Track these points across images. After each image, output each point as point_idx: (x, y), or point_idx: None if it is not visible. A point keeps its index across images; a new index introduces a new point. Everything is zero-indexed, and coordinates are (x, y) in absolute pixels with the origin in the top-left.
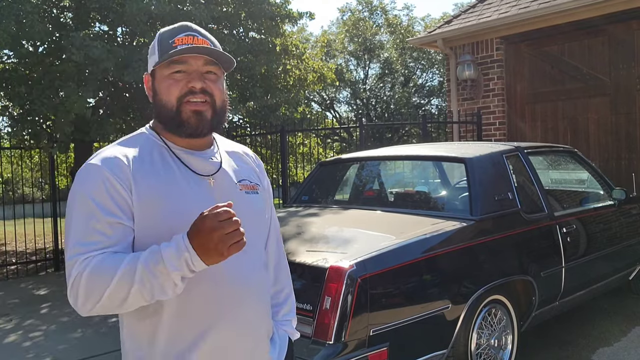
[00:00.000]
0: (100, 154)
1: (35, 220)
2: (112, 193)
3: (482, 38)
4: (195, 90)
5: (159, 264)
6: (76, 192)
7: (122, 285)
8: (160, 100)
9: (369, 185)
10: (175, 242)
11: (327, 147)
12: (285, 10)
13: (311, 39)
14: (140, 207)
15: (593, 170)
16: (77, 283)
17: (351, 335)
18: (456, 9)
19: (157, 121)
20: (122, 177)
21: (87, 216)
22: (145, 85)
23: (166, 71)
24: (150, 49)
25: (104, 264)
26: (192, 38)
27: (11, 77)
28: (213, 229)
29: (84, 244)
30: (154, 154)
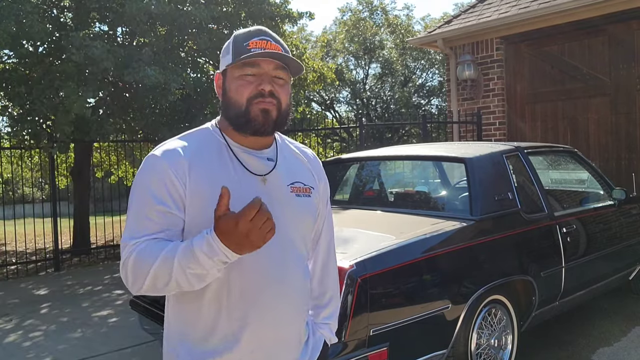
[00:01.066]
0: (164, 145)
1: (35, 220)
2: (167, 183)
3: (482, 38)
4: (264, 92)
5: (193, 261)
6: (136, 181)
7: (162, 274)
8: (230, 99)
9: (369, 185)
10: (207, 242)
11: (327, 147)
12: (285, 10)
13: (311, 38)
14: (192, 198)
15: (593, 170)
16: (126, 266)
17: (351, 335)
18: (456, 9)
19: (224, 118)
20: (178, 169)
21: (141, 204)
22: (215, 83)
23: (238, 72)
24: (224, 49)
25: (146, 251)
26: (266, 42)
27: (11, 77)
28: (247, 232)
29: (135, 230)
30: (213, 150)
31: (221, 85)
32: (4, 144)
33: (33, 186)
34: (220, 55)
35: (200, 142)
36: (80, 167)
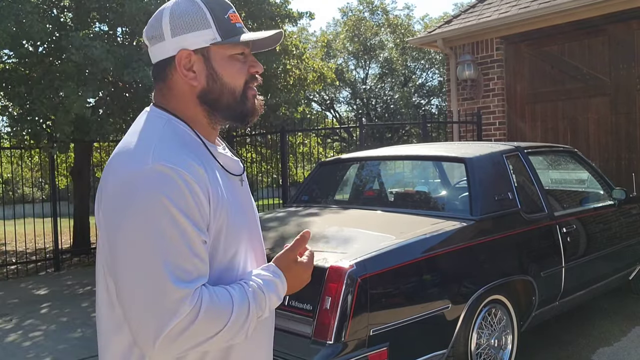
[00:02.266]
0: (164, 152)
1: (35, 220)
2: (198, 204)
3: (482, 38)
4: (256, 76)
5: (262, 306)
6: (154, 203)
7: (237, 324)
8: (225, 85)
9: (369, 185)
10: (276, 289)
11: (327, 147)
12: (285, 10)
13: (311, 38)
14: (215, 220)
15: (593, 170)
16: (189, 320)
17: (351, 335)
18: (456, 9)
19: (206, 108)
20: (204, 187)
21: (179, 234)
22: (181, 64)
23: (230, 50)
24: (191, 17)
25: (217, 299)
26: (238, 16)
27: (11, 77)
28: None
29: (185, 270)
30: (203, 154)
31: (198, 67)
32: (4, 144)
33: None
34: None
35: (190, 144)
36: (80, 167)
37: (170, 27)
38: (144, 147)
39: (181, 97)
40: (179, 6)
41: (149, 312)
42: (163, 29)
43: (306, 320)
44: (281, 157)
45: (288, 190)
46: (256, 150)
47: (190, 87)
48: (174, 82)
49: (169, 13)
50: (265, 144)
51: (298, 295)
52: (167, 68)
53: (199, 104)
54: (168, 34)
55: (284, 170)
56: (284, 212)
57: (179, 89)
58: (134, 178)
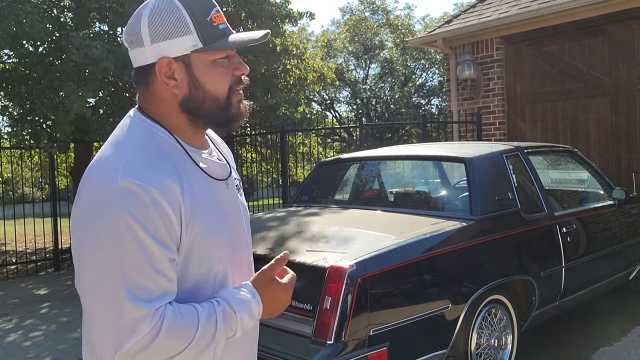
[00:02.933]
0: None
1: (35, 220)
2: (166, 222)
3: (482, 38)
4: (241, 78)
5: (232, 326)
6: (115, 217)
7: (201, 343)
8: (208, 93)
9: (369, 185)
10: (249, 308)
11: (327, 147)
12: (285, 10)
13: (312, 38)
14: (186, 236)
15: (593, 170)
16: (148, 340)
17: (351, 335)
18: (456, 9)
19: (188, 115)
20: (172, 200)
21: (141, 252)
22: (161, 73)
23: (212, 56)
24: (170, 23)
25: (180, 319)
26: (222, 16)
27: (11, 77)
28: (287, 301)
29: (146, 288)
30: (181, 163)
31: (180, 75)
32: (4, 144)
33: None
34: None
35: (167, 155)
36: (80, 167)
37: (149, 33)
38: (118, 158)
39: (163, 103)
40: (158, 9)
41: (108, 329)
42: (142, 35)
43: (306, 320)
44: (281, 157)
45: (288, 190)
46: (256, 150)
47: (172, 95)
48: (155, 88)
49: (148, 17)
50: (265, 144)
51: (298, 295)
52: (148, 74)
53: (181, 112)
54: (147, 40)
55: (284, 170)
56: (284, 212)
57: (161, 95)
58: (102, 194)
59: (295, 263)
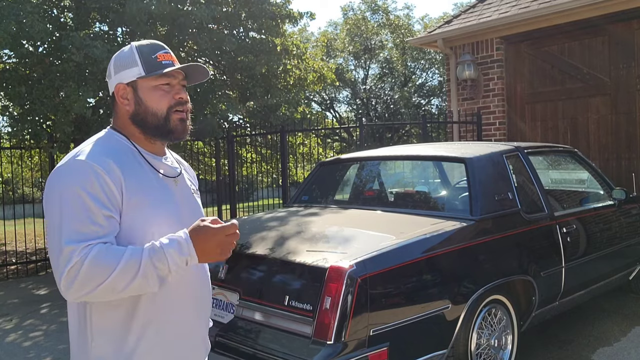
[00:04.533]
0: (84, 152)
1: (35, 220)
2: (105, 188)
3: (482, 38)
4: (182, 101)
5: (162, 261)
6: (66, 185)
7: (125, 276)
8: (148, 109)
9: (369, 185)
10: (178, 244)
11: (327, 147)
12: (285, 10)
13: (312, 38)
14: (129, 205)
15: (593, 170)
16: (76, 269)
17: (351, 335)
18: (456, 9)
19: (135, 127)
20: (112, 175)
21: (81, 208)
22: (117, 94)
23: (154, 82)
24: (125, 60)
25: (105, 253)
26: (169, 55)
27: (11, 77)
28: (221, 243)
29: (81, 232)
30: (130, 157)
31: (130, 96)
32: (4, 144)
33: (33, 186)
34: (118, 67)
35: (119, 149)
36: None
37: (113, 67)
38: (78, 149)
39: (122, 118)
40: (121, 52)
41: (56, 263)
42: (110, 70)
43: (306, 320)
44: (281, 157)
45: (288, 190)
46: (256, 150)
47: (126, 111)
48: (117, 107)
49: (114, 58)
50: (265, 144)
51: (298, 295)
52: (114, 98)
53: (132, 124)
54: (112, 73)
55: (284, 170)
56: (284, 212)
57: (121, 112)
58: (61, 169)
59: (295, 263)
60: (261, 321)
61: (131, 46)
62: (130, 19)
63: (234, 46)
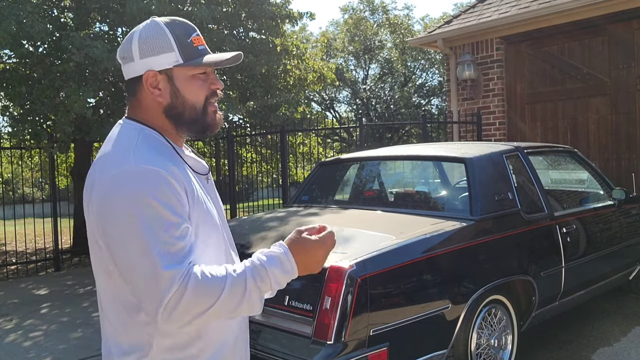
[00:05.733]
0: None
1: (35, 220)
2: (177, 196)
3: (482, 38)
4: (218, 91)
5: (265, 281)
6: (135, 197)
7: (232, 300)
8: (186, 102)
9: (369, 185)
10: (280, 262)
11: (327, 147)
12: (285, 10)
13: (312, 38)
14: (193, 212)
15: (593, 170)
16: (177, 297)
17: (351, 335)
18: (456, 9)
19: (171, 121)
20: (180, 183)
21: (162, 222)
22: (147, 83)
23: (191, 71)
24: (159, 43)
25: (208, 278)
26: (201, 39)
27: (11, 77)
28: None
29: (171, 253)
30: (174, 156)
31: (163, 86)
32: (4, 144)
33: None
34: (146, 50)
35: (164, 149)
36: (80, 167)
37: (138, 50)
38: (124, 151)
39: (148, 110)
40: (147, 31)
41: (149, 292)
42: (132, 51)
43: (306, 320)
44: (281, 157)
45: (288, 190)
46: (256, 150)
47: (157, 103)
48: (142, 97)
49: (138, 37)
50: (265, 144)
51: (298, 295)
52: (137, 85)
53: (165, 118)
54: (137, 56)
55: (284, 170)
56: (284, 212)
57: (147, 103)
58: (121, 177)
59: None
60: (261, 321)
61: (158, 24)
62: (130, 19)
63: (234, 46)
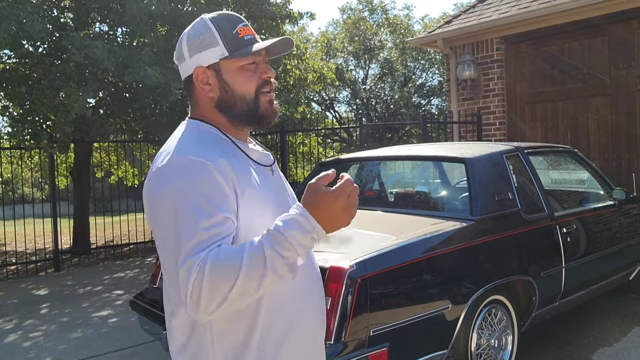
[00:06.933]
0: (189, 149)
1: (35, 220)
2: (220, 189)
3: (482, 38)
4: (269, 80)
5: (286, 247)
6: (178, 188)
7: (254, 275)
8: (236, 94)
9: (369, 185)
10: (297, 222)
11: (327, 147)
12: (285, 10)
13: (311, 38)
14: (243, 204)
15: (593, 170)
16: (199, 283)
17: (351, 336)
18: (456, 9)
19: (224, 115)
20: (225, 175)
21: (198, 213)
22: (198, 80)
23: (239, 63)
24: (202, 38)
25: (223, 256)
26: (249, 28)
27: (11, 77)
28: (346, 207)
29: (200, 242)
30: (227, 148)
31: (212, 81)
32: (4, 144)
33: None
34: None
35: (216, 142)
36: (80, 167)
37: (187, 49)
38: (171, 145)
39: (204, 107)
40: (194, 29)
41: (174, 279)
42: (183, 51)
43: None
44: (281, 157)
45: None
46: None
47: (209, 98)
48: (197, 94)
49: (186, 37)
50: (265, 143)
51: None
52: (191, 84)
53: (218, 112)
54: (187, 55)
55: (284, 170)
56: None
57: (201, 100)
58: (164, 169)
59: None
60: None
61: (204, 21)
62: (130, 19)
63: None
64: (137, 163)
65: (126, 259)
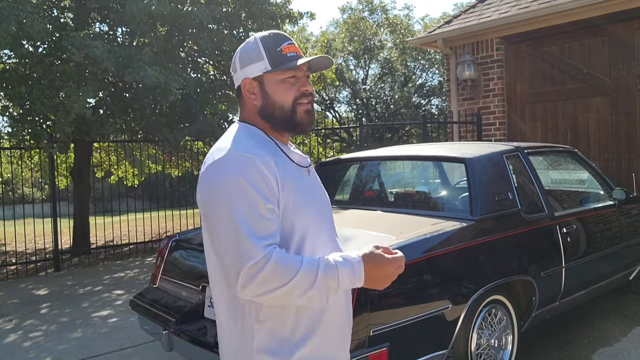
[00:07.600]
0: (237, 145)
1: (35, 220)
2: (267, 183)
3: (482, 38)
4: (307, 92)
5: (333, 278)
6: (231, 180)
7: (303, 285)
8: (276, 103)
9: (369, 185)
10: (351, 265)
11: (327, 147)
12: (286, 10)
13: (311, 38)
14: (284, 199)
15: (593, 170)
16: (258, 268)
17: (351, 335)
18: (456, 9)
19: (265, 121)
20: (271, 170)
21: (250, 203)
22: (245, 89)
23: (280, 76)
24: (252, 54)
25: (286, 259)
26: (294, 46)
27: (11, 77)
28: (389, 275)
29: (255, 229)
30: (273, 149)
31: (257, 91)
32: (4, 144)
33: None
34: (243, 61)
35: (264, 142)
36: (80, 167)
37: (239, 62)
38: (226, 142)
39: (250, 112)
40: (245, 46)
41: (233, 258)
42: (236, 64)
43: None
44: None
45: None
46: None
47: (253, 106)
48: (244, 101)
49: (239, 52)
50: None
51: None
52: (240, 92)
53: (261, 118)
54: (238, 67)
55: None
56: None
57: (248, 107)
58: (220, 162)
59: None
60: None
61: (255, 39)
62: (130, 19)
63: (234, 46)
64: (137, 163)
65: (126, 259)
